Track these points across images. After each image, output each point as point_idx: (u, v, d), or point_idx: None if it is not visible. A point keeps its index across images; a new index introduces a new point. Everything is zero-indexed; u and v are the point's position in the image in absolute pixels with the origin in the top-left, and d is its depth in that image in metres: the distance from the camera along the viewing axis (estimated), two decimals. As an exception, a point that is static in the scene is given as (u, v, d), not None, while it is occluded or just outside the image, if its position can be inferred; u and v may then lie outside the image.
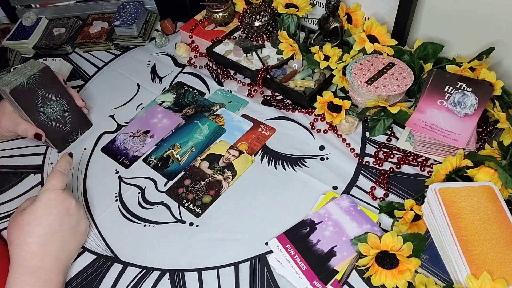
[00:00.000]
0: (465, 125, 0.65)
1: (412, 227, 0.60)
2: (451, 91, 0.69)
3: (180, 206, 0.69)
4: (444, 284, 0.53)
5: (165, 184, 0.72)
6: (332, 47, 0.80)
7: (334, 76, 0.79)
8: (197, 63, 0.94)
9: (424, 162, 0.70)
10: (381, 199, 0.66)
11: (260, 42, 0.92)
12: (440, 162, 0.67)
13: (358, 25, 0.86)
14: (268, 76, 0.84)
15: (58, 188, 0.61)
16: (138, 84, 0.92)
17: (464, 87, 0.69)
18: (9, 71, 0.96)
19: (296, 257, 0.60)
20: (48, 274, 0.56)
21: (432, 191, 0.56)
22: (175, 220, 0.67)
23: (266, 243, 0.63)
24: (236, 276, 0.60)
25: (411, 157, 0.71)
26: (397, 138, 0.74)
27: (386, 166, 0.71)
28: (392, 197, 0.66)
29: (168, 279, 0.61)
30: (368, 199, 0.66)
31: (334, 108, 0.75)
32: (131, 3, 1.04)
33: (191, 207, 0.69)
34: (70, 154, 0.68)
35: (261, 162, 0.74)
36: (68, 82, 0.95)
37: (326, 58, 0.80)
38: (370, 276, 0.56)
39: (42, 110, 0.74)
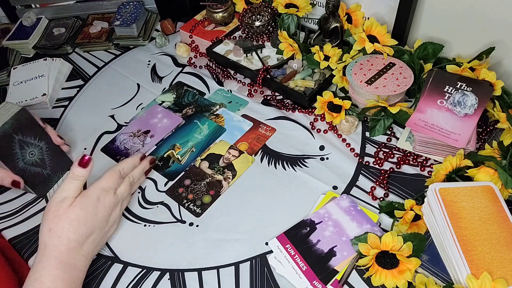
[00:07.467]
0: (465, 125, 0.65)
1: (412, 227, 0.60)
2: (451, 91, 0.69)
3: (180, 206, 0.69)
4: (444, 284, 0.53)
5: (165, 184, 0.72)
6: (332, 47, 0.80)
7: (334, 76, 0.79)
8: (197, 63, 0.94)
9: (424, 162, 0.70)
10: (381, 199, 0.66)
11: (260, 42, 0.92)
12: (440, 162, 0.67)
13: (358, 25, 0.86)
14: (268, 76, 0.84)
15: (112, 189, 0.62)
16: (138, 84, 0.92)
17: (464, 87, 0.69)
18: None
19: (296, 257, 0.60)
20: (77, 272, 0.57)
21: (432, 191, 0.56)
22: (175, 220, 0.67)
23: (266, 243, 0.63)
24: (236, 276, 0.60)
25: (411, 157, 0.71)
26: (397, 138, 0.74)
27: (386, 166, 0.71)
28: (392, 197, 0.66)
29: (168, 279, 0.61)
30: (368, 199, 0.66)
31: (334, 108, 0.75)
32: (131, 3, 1.04)
33: (191, 207, 0.69)
34: (152, 161, 0.71)
35: (261, 162, 0.74)
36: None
37: (326, 58, 0.80)
38: (370, 276, 0.56)
39: (20, 156, 0.67)
